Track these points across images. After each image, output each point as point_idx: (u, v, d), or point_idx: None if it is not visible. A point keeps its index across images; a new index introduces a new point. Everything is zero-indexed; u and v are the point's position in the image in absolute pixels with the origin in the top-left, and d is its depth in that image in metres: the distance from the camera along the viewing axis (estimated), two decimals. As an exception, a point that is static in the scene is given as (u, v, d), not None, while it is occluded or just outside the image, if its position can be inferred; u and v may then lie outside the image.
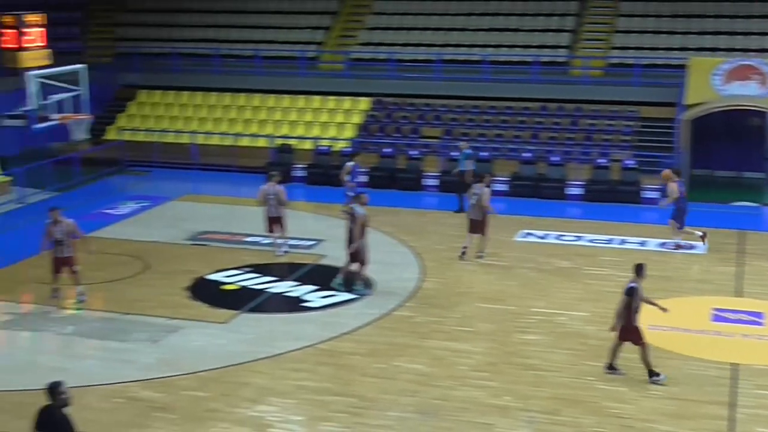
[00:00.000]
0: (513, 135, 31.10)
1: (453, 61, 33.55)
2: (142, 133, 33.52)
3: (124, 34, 38.25)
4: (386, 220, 24.85)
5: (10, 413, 14.13)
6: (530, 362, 15.92)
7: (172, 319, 17.90)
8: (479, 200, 21.56)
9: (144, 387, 15.00)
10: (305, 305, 18.78)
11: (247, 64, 35.33)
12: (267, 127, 33.02)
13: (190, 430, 13.64)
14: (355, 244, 19.18)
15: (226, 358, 16.09)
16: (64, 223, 18.74)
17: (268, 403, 14.45)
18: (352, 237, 19.23)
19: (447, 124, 31.99)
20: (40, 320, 18.13)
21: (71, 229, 18.84)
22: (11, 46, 23.64)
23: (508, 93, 32.08)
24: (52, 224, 18.71)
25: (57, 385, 10.59)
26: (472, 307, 18.57)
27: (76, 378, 15.02)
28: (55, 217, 18.74)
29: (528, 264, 21.30)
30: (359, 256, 19.37)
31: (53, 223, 18.71)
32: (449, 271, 20.88)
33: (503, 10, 35.18)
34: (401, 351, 16.40)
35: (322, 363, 15.95)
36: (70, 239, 18.82)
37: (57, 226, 18.67)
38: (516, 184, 27.98)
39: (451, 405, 14.33)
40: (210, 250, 22.38)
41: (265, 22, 37.17)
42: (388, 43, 34.95)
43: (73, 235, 18.84)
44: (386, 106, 33.13)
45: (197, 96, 34.79)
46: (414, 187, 28.55)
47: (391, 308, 18.47)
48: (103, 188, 29.55)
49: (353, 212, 19.35)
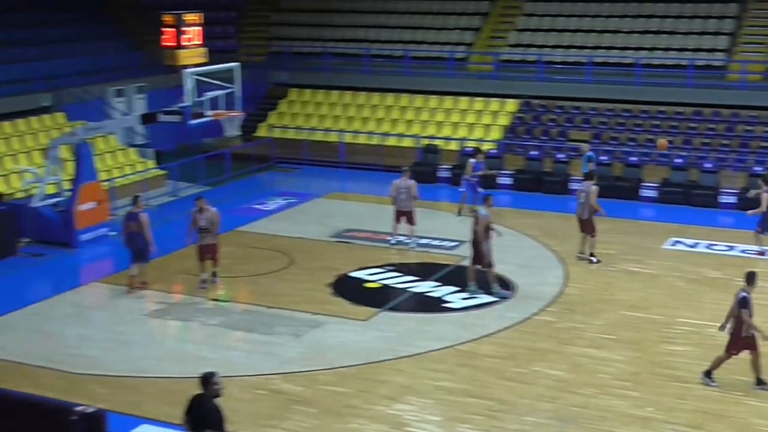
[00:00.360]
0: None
1: (604, 64, 32.97)
2: (292, 130, 34.15)
3: (277, 34, 39.03)
4: (531, 224, 24.64)
5: (159, 399, 14.62)
6: (675, 373, 15.50)
7: (315, 315, 18.17)
8: (587, 198, 21.30)
9: (285, 380, 15.27)
10: (446, 306, 18.78)
11: (396, 64, 35.55)
12: (414, 127, 33.16)
13: (328, 424, 13.81)
14: (481, 246, 19.00)
15: (366, 355, 16.23)
16: (209, 212, 19.55)
17: (406, 402, 14.51)
18: (476, 239, 19.08)
19: (596, 127, 31.46)
20: (189, 310, 18.69)
21: (215, 217, 19.58)
22: (170, 44, 24.38)
23: (661, 97, 31.33)
24: (197, 212, 19.54)
25: (210, 376, 10.80)
26: (616, 315, 18.21)
27: (221, 368, 15.26)
28: (200, 206, 19.59)
29: (676, 273, 20.74)
30: (485, 259, 19.21)
31: (199, 211, 19.54)
32: (593, 277, 20.53)
33: (658, 12, 34.35)
34: (541, 356, 16.22)
35: (461, 364, 15.92)
36: (214, 227, 19.53)
37: (202, 214, 19.52)
38: (666, 191, 27.29)
39: (591, 413, 14.09)
40: (353, 248, 22.61)
41: (415, 22, 37.31)
42: (537, 45, 34.61)
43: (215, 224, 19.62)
44: (534, 109, 32.82)
45: (346, 95, 35.20)
46: (560, 190, 28.16)
47: (533, 312, 18.28)
48: (253, 184, 30.22)
49: (478, 214, 19.22)
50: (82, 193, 22.88)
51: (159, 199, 27.36)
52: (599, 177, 26.18)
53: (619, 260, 21.50)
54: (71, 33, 34.05)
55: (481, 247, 19.05)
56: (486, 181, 26.45)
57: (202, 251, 19.71)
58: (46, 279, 21.41)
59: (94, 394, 14.71)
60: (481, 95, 33.63)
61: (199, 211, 19.56)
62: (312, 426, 13.75)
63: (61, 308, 18.84)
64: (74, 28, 34.62)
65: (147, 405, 14.38)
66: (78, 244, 22.66)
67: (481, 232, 18.99)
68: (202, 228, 19.54)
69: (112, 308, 18.79)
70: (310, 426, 13.75)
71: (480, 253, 19.11)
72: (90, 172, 23.35)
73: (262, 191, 29.01)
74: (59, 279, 21.27)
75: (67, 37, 33.61)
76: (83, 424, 11.40)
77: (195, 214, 19.61)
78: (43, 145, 27.11)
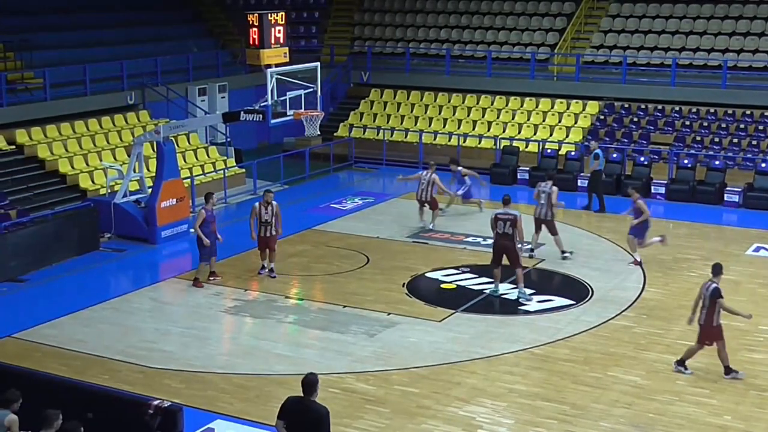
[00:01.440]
0: (750, 144, 29.71)
1: (689, 66, 32.43)
2: (372, 130, 34.25)
3: (359, 34, 39.18)
4: (610, 227, 24.34)
5: (233, 395, 14.77)
6: (755, 382, 15.18)
7: (389, 315, 18.19)
8: (548, 199, 21.52)
9: (358, 379, 15.31)
10: (521, 308, 18.65)
11: (477, 65, 35.44)
12: (493, 128, 33.00)
13: (400, 424, 13.81)
14: (516, 246, 19.10)
15: (439, 356, 16.20)
16: (273, 206, 20.17)
17: (479, 404, 14.44)
18: (510, 240, 18.98)
19: (679, 130, 30.95)
20: (264, 308, 18.85)
21: (278, 212, 20.26)
22: (254, 44, 24.62)
23: (748, 100, 30.71)
24: (263, 204, 20.14)
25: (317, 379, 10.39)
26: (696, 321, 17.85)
27: (296, 366, 15.59)
28: (268, 199, 20.19)
29: (758, 279, 20.29)
30: (519, 259, 19.21)
31: (265, 204, 20.14)
32: (673, 282, 20.19)
33: (747, 14, 33.64)
34: (617, 361, 16.01)
35: (535, 367, 15.80)
36: (276, 220, 20.21)
37: (267, 208, 20.12)
38: (750, 196, 26.70)
39: (667, 420, 13.88)
40: (430, 249, 22.59)
41: (499, 23, 37.14)
42: (621, 46, 34.18)
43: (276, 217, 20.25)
44: (616, 111, 32.41)
45: (427, 95, 35.18)
46: (642, 194, 27.67)
47: (610, 317, 18.06)
48: (331, 183, 30.39)
49: (515, 215, 19.00)
50: (164, 190, 23.24)
51: (238, 197, 27.68)
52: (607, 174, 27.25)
53: (700, 266, 21.08)
54: (157, 32, 34.68)
55: (516, 247, 19.07)
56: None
57: (263, 243, 20.38)
58: (127, 274, 21.82)
59: (170, 388, 14.95)
60: (562, 97, 33.34)
61: (265, 204, 20.15)
62: (384, 426, 13.76)
63: (140, 303, 19.16)
64: (160, 27, 35.25)
65: (221, 400, 14.54)
66: (158, 241, 23.04)
67: (520, 231, 19.03)
68: (265, 221, 20.15)
69: (189, 304, 19.05)
70: (382, 426, 13.77)
71: (516, 253, 19.10)
72: (172, 169, 23.71)
73: (341, 191, 29.15)
74: (139, 274, 21.66)
75: (152, 36, 34.23)
76: (159, 417, 11.60)
77: (261, 207, 20.20)
78: (126, 143, 27.64)
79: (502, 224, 18.91)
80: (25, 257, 21.00)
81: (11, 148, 26.03)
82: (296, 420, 10.29)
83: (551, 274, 20.80)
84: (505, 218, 18.90)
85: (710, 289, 15.15)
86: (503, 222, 18.89)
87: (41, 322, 17.93)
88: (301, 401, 10.37)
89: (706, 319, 15.20)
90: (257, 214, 20.24)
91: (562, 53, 34.72)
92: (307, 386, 10.33)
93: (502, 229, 18.93)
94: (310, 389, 10.31)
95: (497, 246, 19.18)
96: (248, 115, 23.72)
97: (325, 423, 10.21)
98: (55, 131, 27.28)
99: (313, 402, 10.31)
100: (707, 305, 15.14)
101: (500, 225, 18.95)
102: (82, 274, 21.17)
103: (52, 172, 25.99)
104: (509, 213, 18.97)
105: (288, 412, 10.37)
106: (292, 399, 10.51)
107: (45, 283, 20.54)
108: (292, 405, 10.41)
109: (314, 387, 10.31)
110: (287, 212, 24.68)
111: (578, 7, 36.08)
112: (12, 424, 10.90)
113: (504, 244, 19.00)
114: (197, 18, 38.17)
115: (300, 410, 10.30)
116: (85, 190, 25.55)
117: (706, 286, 15.24)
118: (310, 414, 10.22)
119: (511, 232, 18.86)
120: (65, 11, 32.60)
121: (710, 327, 15.20)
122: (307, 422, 10.23)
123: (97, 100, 29.02)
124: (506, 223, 18.87)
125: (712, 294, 15.10)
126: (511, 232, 18.87)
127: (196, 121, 28.92)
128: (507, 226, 18.87)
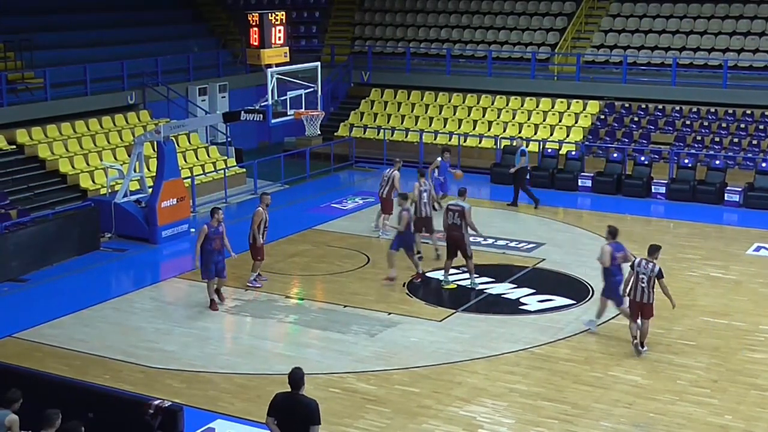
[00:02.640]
0: (750, 144, 29.70)
1: (690, 65, 32.42)
2: (372, 130, 34.24)
3: (360, 33, 39.17)
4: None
5: (234, 394, 14.78)
6: (756, 382, 15.19)
7: (390, 314, 18.19)
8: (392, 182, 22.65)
9: (359, 379, 15.32)
10: (522, 308, 18.65)
11: (477, 64, 35.43)
12: (494, 128, 33.00)
13: (401, 424, 13.81)
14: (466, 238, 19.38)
15: (440, 356, 16.21)
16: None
17: (480, 404, 14.44)
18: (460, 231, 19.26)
19: (679, 130, 30.94)
20: (265, 307, 18.84)
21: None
22: (254, 44, 24.61)
23: (748, 100, 30.70)
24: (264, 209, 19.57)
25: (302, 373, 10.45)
26: (696, 321, 17.88)
27: (296, 365, 15.52)
28: (266, 201, 19.65)
29: (759, 279, 20.29)
30: (468, 250, 19.48)
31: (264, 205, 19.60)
32: (674, 282, 20.03)
33: (747, 14, 33.63)
34: (618, 360, 16.01)
35: (536, 367, 15.79)
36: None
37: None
38: (751, 195, 26.68)
39: (668, 420, 13.88)
40: (431, 248, 22.56)
41: (499, 23, 37.12)
42: (622, 46, 34.17)
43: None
44: (617, 110, 32.40)
45: (427, 95, 35.17)
46: (641, 194, 27.76)
47: (611, 317, 18.03)
48: (332, 183, 30.39)
49: (464, 207, 19.29)
50: (164, 189, 23.24)
51: (239, 197, 27.67)
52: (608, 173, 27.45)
53: (701, 265, 21.13)
54: (158, 32, 34.68)
55: (466, 238, 19.35)
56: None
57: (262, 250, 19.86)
58: (127, 274, 21.83)
59: (171, 388, 14.95)
60: (563, 96, 33.34)
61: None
62: (385, 425, 13.76)
63: (141, 303, 19.16)
64: (160, 27, 35.25)
65: (222, 400, 14.55)
66: (159, 240, 23.04)
67: (470, 222, 19.32)
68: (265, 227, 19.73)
69: (190, 304, 19.03)
70: (383, 425, 13.77)
71: (465, 244, 19.37)
72: (173, 169, 23.72)
73: (341, 190, 29.15)
74: (140, 274, 21.67)
75: (153, 35, 34.24)
76: (160, 417, 11.60)
77: (266, 212, 19.58)
78: (127, 142, 27.63)
79: (452, 215, 19.44)
80: (25, 257, 21.00)
81: (12, 147, 26.02)
82: (287, 415, 10.40)
83: (551, 274, 20.79)
84: (454, 209, 19.42)
85: (655, 269, 15.81)
86: (452, 213, 19.43)
87: (42, 321, 17.93)
88: (290, 396, 10.48)
89: (649, 296, 15.85)
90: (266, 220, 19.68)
91: (562, 53, 34.71)
92: (294, 381, 10.46)
93: (451, 220, 19.42)
94: (297, 384, 10.45)
95: (448, 237, 19.57)
96: (249, 115, 23.71)
97: (316, 415, 10.37)
98: (55, 131, 27.27)
99: (302, 396, 10.45)
100: (650, 284, 15.80)
101: (450, 216, 19.47)
102: (82, 273, 21.17)
103: (52, 171, 25.99)
104: (459, 205, 19.45)
105: (278, 408, 10.48)
106: (281, 395, 10.60)
107: (46, 282, 20.54)
108: (282, 401, 10.51)
109: (301, 381, 10.47)
110: (288, 212, 24.79)
111: (579, 6, 36.06)
112: (12, 424, 10.90)
113: (453, 235, 19.46)
114: (198, 18, 38.17)
115: (290, 405, 10.42)
116: (86, 190, 25.54)
117: (650, 267, 15.83)
118: (301, 408, 10.35)
119: (459, 222, 19.29)
120: (65, 11, 32.60)
121: (651, 304, 15.94)
122: (298, 416, 10.35)
123: (97, 99, 29.01)
124: (455, 214, 19.36)
125: (659, 274, 15.82)
126: (459, 223, 19.30)
127: (197, 121, 28.92)
128: (455, 217, 19.35)
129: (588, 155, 30.19)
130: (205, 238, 18.34)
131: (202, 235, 18.40)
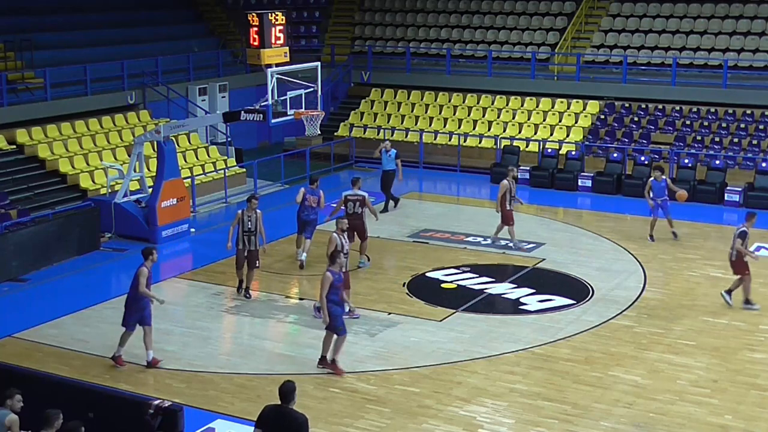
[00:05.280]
0: (750, 143, 29.70)
1: (690, 65, 32.42)
2: (372, 130, 34.24)
3: (360, 33, 39.18)
4: (610, 227, 24.36)
5: (234, 394, 14.77)
6: (756, 382, 15.18)
7: (390, 314, 18.19)
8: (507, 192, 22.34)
9: (359, 379, 15.31)
10: (522, 308, 18.65)
11: (477, 64, 35.44)
12: (494, 128, 33.00)
13: (401, 424, 13.81)
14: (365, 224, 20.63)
15: (440, 356, 16.20)
16: (257, 214, 18.98)
17: (480, 404, 14.44)
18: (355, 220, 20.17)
19: (679, 130, 30.94)
20: (265, 307, 18.84)
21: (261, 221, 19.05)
22: (254, 44, 24.60)
23: (748, 100, 30.71)
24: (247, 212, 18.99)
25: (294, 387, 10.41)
26: (697, 321, 17.88)
27: (296, 366, 15.60)
28: (252, 206, 19.01)
29: (759, 279, 20.22)
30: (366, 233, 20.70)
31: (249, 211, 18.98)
32: (674, 282, 20.19)
33: (747, 14, 33.63)
34: (618, 360, 16.01)
35: (536, 367, 15.79)
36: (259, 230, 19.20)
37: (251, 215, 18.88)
38: (751, 195, 26.67)
39: (668, 420, 13.88)
40: (431, 248, 22.60)
41: (499, 23, 37.12)
42: (622, 46, 34.17)
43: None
44: (617, 110, 32.40)
45: (427, 95, 35.17)
46: (641, 193, 27.68)
47: (611, 316, 18.06)
48: (332, 183, 30.29)
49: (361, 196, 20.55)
50: (164, 189, 23.24)
51: (239, 197, 27.63)
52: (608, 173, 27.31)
53: (701, 265, 21.13)
54: (158, 32, 34.67)
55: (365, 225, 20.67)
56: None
57: (240, 257, 19.25)
58: (127, 274, 21.55)
59: (171, 388, 14.96)
60: (563, 96, 33.34)
61: (249, 212, 18.87)
62: (385, 425, 13.76)
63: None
64: (160, 27, 35.24)
65: (222, 400, 14.54)
66: (159, 240, 23.01)
67: (371, 209, 20.92)
68: (249, 230, 19.01)
69: (190, 304, 19.05)
70: (383, 425, 13.76)
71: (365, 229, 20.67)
72: (173, 169, 23.71)
73: (341, 190, 28.97)
74: (140, 274, 21.60)
75: (153, 35, 34.23)
76: (160, 417, 11.60)
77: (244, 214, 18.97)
78: (127, 142, 27.63)
79: (352, 204, 20.48)
80: (25, 257, 21.00)
81: (12, 147, 26.02)
82: (275, 428, 10.29)
83: (551, 274, 20.79)
84: (354, 199, 20.63)
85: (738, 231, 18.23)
86: (353, 203, 20.49)
87: (42, 321, 17.93)
88: (279, 409, 10.37)
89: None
90: (240, 221, 18.95)
91: (562, 53, 34.71)
92: (284, 394, 10.34)
93: (351, 209, 20.37)
94: (287, 397, 10.33)
95: (350, 227, 19.84)
96: (249, 115, 23.70)
97: (304, 431, 10.23)
98: (55, 131, 27.27)
99: (292, 410, 10.33)
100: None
101: (350, 205, 20.48)
102: (82, 273, 21.17)
103: (52, 171, 25.98)
104: (358, 194, 20.53)
105: (266, 421, 10.37)
106: (269, 407, 10.50)
107: (46, 282, 20.54)
108: (271, 413, 10.40)
109: (292, 395, 10.34)
110: (288, 211, 24.68)
111: (579, 6, 36.07)
112: (12, 424, 10.90)
113: (354, 223, 20.19)
114: (198, 18, 38.15)
115: (278, 418, 10.30)
116: (86, 190, 25.54)
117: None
118: (289, 422, 10.23)
119: (360, 211, 20.39)
120: (66, 11, 32.59)
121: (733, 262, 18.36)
122: (286, 430, 10.24)
123: (97, 99, 29.01)
124: (355, 203, 20.46)
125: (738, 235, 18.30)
126: (360, 212, 20.39)
127: (197, 121, 28.92)
128: (357, 206, 20.43)
129: (588, 155, 30.19)
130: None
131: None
